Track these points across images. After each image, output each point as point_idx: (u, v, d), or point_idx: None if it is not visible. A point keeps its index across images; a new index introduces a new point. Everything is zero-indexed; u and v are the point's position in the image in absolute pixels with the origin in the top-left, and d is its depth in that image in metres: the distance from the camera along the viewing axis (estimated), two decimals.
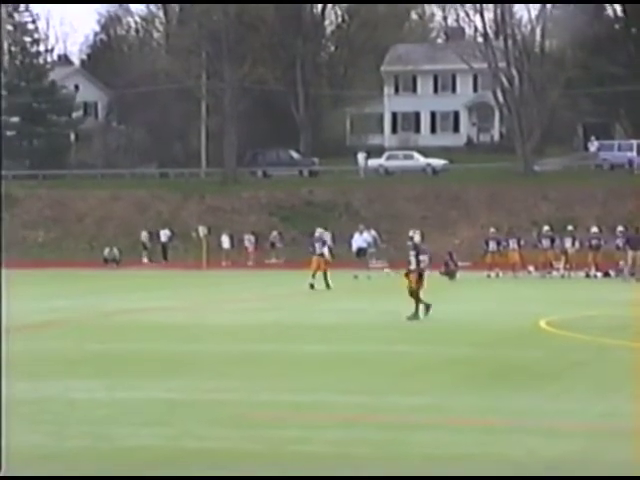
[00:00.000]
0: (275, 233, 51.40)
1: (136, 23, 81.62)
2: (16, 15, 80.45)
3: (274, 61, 67.34)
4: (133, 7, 79.00)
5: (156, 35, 80.00)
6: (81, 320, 22.75)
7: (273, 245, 51.03)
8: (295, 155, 65.37)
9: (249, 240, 50.37)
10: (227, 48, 61.57)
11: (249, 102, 63.59)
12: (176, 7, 74.73)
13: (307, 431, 10.30)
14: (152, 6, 78.00)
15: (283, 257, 50.06)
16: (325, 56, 78.50)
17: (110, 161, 70.07)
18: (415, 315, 20.60)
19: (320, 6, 73.29)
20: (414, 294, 20.79)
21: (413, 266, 21.00)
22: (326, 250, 31.89)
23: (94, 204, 59.62)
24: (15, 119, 70.51)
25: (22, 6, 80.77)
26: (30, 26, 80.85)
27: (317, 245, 31.99)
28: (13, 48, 79.67)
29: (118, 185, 62.62)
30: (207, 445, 9.62)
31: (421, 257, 21.08)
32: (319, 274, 30.95)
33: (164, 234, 52.23)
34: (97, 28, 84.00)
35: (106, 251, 51.31)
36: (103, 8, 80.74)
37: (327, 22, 77.00)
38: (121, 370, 14.63)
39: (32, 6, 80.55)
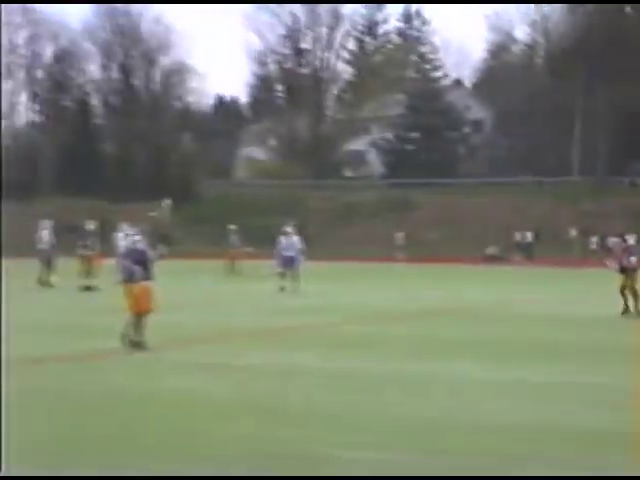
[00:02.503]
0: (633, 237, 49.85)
1: (521, 50, 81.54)
2: (420, 47, 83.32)
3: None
4: (517, 35, 79.11)
5: (537, 60, 79.58)
6: (465, 309, 23.43)
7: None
8: None
9: (613, 242, 49.27)
10: (602, 70, 60.52)
11: (619, 117, 62.14)
12: (556, 34, 74.06)
13: None
14: (534, 33, 77.67)
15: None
16: None
17: (493, 170, 70.74)
18: None
19: None
20: None
21: None
22: None
23: (479, 208, 60.61)
24: (415, 135, 72.93)
25: (425, 38, 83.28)
26: (431, 56, 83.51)
27: None
28: (416, 75, 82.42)
29: (499, 192, 63.15)
30: (564, 422, 9.84)
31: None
32: None
33: (530, 235, 52.27)
34: (487, 55, 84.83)
35: (488, 249, 52.13)
36: (492, 38, 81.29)
37: None
38: (494, 353, 15.05)
39: (434, 39, 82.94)
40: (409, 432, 9.35)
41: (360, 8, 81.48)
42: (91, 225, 28.10)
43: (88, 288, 26.55)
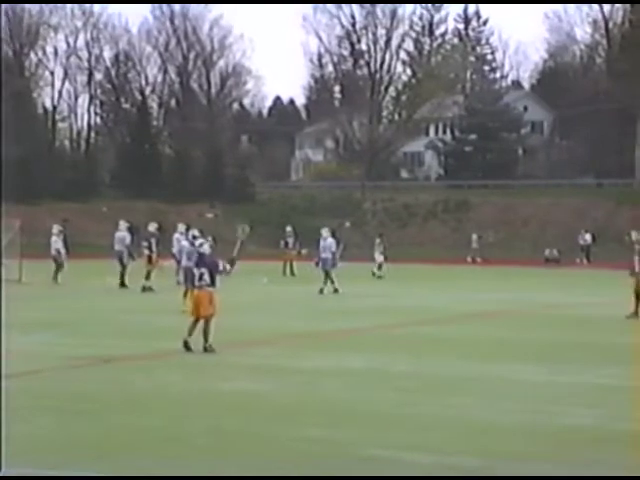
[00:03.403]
0: None
1: (580, 50, 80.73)
2: (478, 48, 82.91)
3: None
4: (579, 36, 78.34)
5: (598, 60, 78.67)
6: (521, 311, 23.42)
7: None
8: None
9: None
10: None
11: None
12: (618, 34, 73.24)
13: None
14: (596, 34, 76.87)
15: None
16: None
17: (552, 172, 70.14)
18: None
19: None
20: None
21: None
22: None
23: (537, 210, 60.16)
24: (473, 136, 72.60)
25: (483, 40, 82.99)
26: (489, 57, 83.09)
27: None
28: (474, 76, 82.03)
29: (559, 194, 62.60)
30: (631, 427, 9.76)
31: None
32: None
33: (588, 237, 51.69)
34: (546, 56, 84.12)
35: (547, 251, 51.73)
36: (552, 39, 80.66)
37: None
38: (559, 355, 15.07)
39: (492, 40, 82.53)
40: (468, 434, 9.42)
41: (418, 8, 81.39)
42: (153, 226, 28.38)
43: (150, 289, 26.90)
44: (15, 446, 8.33)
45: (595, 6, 73.16)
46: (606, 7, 72.80)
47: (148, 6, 78.73)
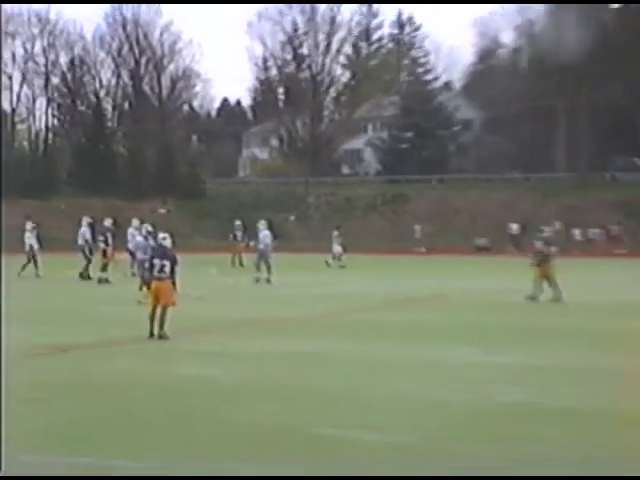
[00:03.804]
0: (616, 227, 50.12)
1: (507, 54, 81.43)
2: (412, 52, 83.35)
3: (622, 81, 65.25)
4: (503, 39, 78.93)
5: (522, 63, 79.43)
6: (455, 297, 23.54)
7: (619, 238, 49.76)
8: (639, 161, 63.12)
9: (595, 233, 49.49)
10: (583, 72, 60.64)
11: (600, 116, 62.15)
12: (540, 38, 73.83)
13: None
14: (519, 38, 77.46)
15: (626, 248, 48.66)
16: None
17: (482, 167, 70.70)
18: None
19: None
20: None
21: None
22: None
23: (469, 202, 60.60)
24: (409, 134, 72.87)
25: (417, 43, 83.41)
26: (423, 60, 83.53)
27: None
28: (409, 78, 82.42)
29: (489, 187, 63.17)
30: (567, 404, 9.81)
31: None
32: None
33: (516, 227, 52.12)
34: (475, 59, 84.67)
35: (478, 240, 52.13)
36: (480, 43, 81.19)
37: None
38: (491, 338, 15.13)
39: (426, 44, 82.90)
40: (410, 414, 9.38)
41: (356, 15, 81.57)
42: (108, 221, 28.09)
43: (106, 281, 26.57)
44: None
45: (518, 12, 73.83)
46: (530, 13, 73.51)
47: (102, 13, 78.15)
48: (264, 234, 28.04)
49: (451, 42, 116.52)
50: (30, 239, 29.95)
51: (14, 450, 7.72)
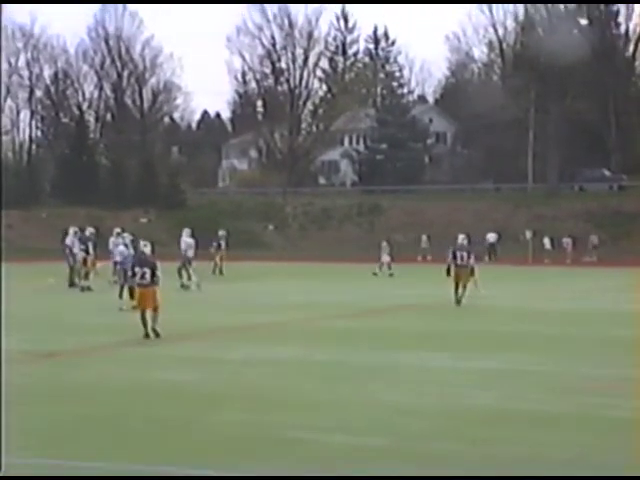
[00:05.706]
0: (593, 236, 50.43)
1: (478, 68, 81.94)
2: (387, 66, 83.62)
3: (590, 95, 65.88)
4: (477, 55, 79.38)
5: (494, 77, 79.94)
6: (430, 304, 23.55)
7: (595, 247, 50.04)
8: (607, 173, 63.65)
9: (567, 242, 49.72)
10: (552, 87, 61.07)
11: (569, 129, 62.67)
12: (511, 54, 74.35)
13: (613, 399, 10.19)
14: (492, 54, 77.98)
15: (596, 256, 48.98)
16: (635, 91, 75.14)
17: (455, 178, 70.98)
18: None
19: (632, 48, 70.50)
20: None
21: None
22: None
23: (442, 213, 60.73)
24: (384, 146, 73.07)
25: (392, 58, 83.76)
26: (397, 74, 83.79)
27: None
28: (384, 91, 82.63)
29: (461, 197, 63.41)
30: (535, 407, 9.86)
31: None
32: None
33: (493, 236, 52.27)
34: (448, 73, 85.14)
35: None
36: (452, 58, 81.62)
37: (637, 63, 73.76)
38: (462, 344, 15.19)
39: (400, 59, 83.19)
40: (385, 417, 9.42)
41: (332, 30, 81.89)
42: (89, 231, 27.98)
43: (88, 288, 26.45)
44: None
45: (491, 28, 74.30)
46: (500, 29, 74.01)
47: (85, 28, 77.75)
48: (188, 242, 28.85)
49: (424, 57, 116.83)
50: None
51: (14, 451, 7.69)
